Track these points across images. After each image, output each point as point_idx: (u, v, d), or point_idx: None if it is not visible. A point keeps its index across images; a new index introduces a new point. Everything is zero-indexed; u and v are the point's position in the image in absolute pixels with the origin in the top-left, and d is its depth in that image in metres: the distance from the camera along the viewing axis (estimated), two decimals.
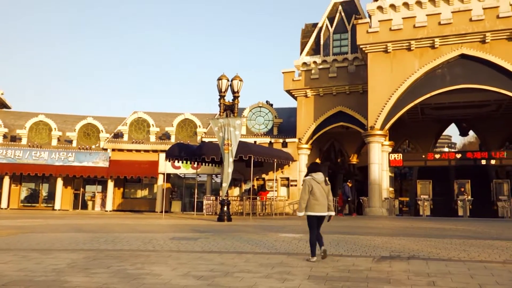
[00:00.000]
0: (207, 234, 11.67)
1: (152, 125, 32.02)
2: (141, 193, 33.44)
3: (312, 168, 7.45)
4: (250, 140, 26.92)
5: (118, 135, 32.13)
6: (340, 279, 5.70)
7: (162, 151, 29.82)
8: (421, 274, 6.01)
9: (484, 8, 22.15)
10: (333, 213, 7.45)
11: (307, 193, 7.17)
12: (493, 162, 25.22)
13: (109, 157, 31.10)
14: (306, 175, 7.42)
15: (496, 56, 21.79)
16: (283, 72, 28.13)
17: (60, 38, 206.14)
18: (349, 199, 24.43)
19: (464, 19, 22.21)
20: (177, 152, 22.79)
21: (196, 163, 24.97)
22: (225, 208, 18.19)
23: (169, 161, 24.29)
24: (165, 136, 31.98)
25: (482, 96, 24.67)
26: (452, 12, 22.71)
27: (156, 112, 34.08)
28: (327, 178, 7.37)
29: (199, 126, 31.43)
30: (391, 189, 26.02)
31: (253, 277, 5.85)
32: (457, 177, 27.74)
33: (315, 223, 7.19)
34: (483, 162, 25.28)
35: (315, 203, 7.14)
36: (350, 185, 24.73)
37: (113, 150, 31.39)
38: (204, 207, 25.57)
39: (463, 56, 22.51)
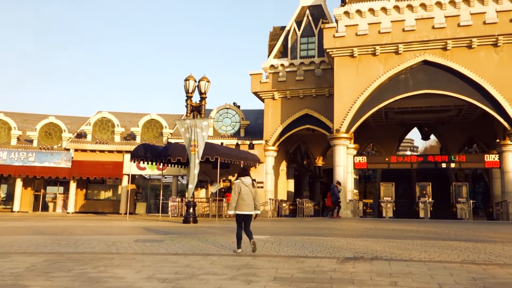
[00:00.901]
0: (172, 236, 11.54)
1: (117, 125, 31.43)
2: (105, 194, 32.75)
3: (241, 173, 8.61)
4: (217, 141, 26.82)
5: (81, 135, 31.36)
6: (305, 280, 5.74)
7: (127, 151, 29.31)
8: (383, 274, 6.13)
9: (446, 16, 22.88)
10: (259, 212, 8.73)
11: (236, 194, 8.32)
12: (453, 165, 26.07)
13: (72, 158, 30.31)
14: (236, 179, 8.58)
15: (457, 63, 22.53)
16: (250, 74, 28.19)
17: (20, 33, 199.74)
18: (338, 200, 24.58)
19: (427, 27, 22.87)
20: (143, 153, 22.45)
21: (161, 164, 24.66)
22: (191, 210, 18.05)
23: (134, 162, 23.90)
24: (130, 137, 31.45)
25: (443, 102, 25.44)
26: (415, 19, 23.35)
27: (121, 112, 33.49)
28: (254, 181, 8.65)
29: (165, 127, 31.08)
30: (355, 191, 26.48)
31: (218, 279, 5.82)
32: (419, 180, 28.53)
33: (241, 220, 8.39)
34: (444, 165, 26.10)
35: (242, 203, 8.31)
36: (339, 186, 24.95)
37: (76, 150, 30.62)
38: (169, 208, 25.28)
39: (425, 62, 23.16)
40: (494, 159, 24.58)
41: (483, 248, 9.07)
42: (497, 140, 25.36)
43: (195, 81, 19.30)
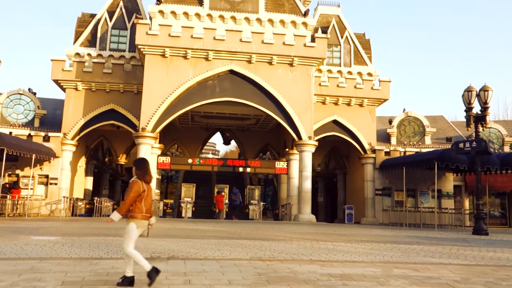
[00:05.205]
0: None
1: None
2: None
3: None
4: (5, 130, 23.72)
5: None
6: (98, 283, 5.47)
7: None
8: (178, 273, 6.25)
9: (252, 32, 24.78)
10: None
11: None
12: (248, 170, 28.28)
13: None
14: None
15: (259, 76, 24.55)
16: (52, 60, 25.78)
17: None
18: (241, 203, 26.05)
19: (235, 38, 24.37)
20: None
21: None
22: None
23: None
24: None
25: (244, 110, 27.40)
26: (226, 30, 24.68)
27: None
28: None
29: None
30: (157, 191, 26.51)
31: None
32: (218, 182, 30.13)
33: None
34: (241, 169, 28.11)
35: None
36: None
37: None
38: None
39: (232, 71, 24.62)
40: (283, 166, 27.50)
41: (269, 246, 10.02)
42: (286, 149, 28.48)
43: None
